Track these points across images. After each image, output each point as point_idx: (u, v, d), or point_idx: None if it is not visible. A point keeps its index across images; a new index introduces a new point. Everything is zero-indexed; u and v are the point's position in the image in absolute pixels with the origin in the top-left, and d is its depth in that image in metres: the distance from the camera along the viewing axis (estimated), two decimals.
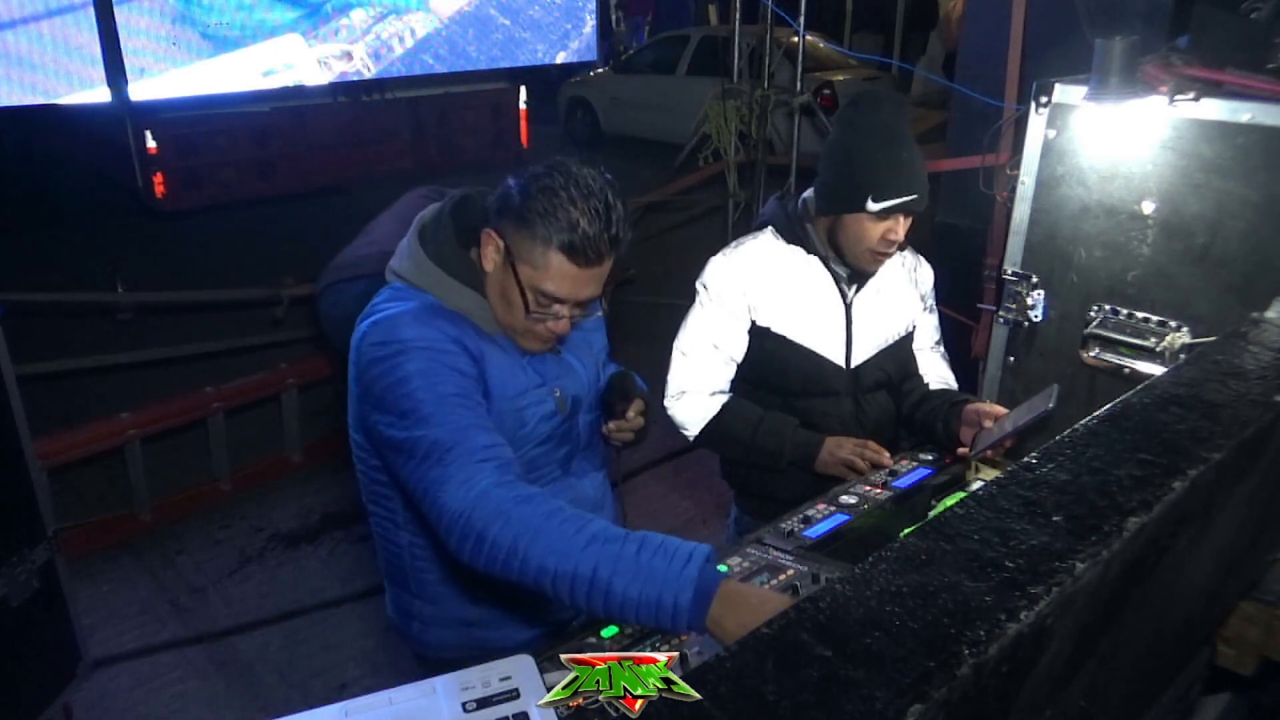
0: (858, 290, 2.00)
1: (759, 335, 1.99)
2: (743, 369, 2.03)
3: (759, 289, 1.96)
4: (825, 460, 1.93)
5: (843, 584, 0.66)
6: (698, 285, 2.02)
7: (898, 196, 1.82)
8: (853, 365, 2.01)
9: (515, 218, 1.38)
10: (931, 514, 1.83)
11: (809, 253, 1.97)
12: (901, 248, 2.05)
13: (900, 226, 1.87)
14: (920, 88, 9.29)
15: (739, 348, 2.00)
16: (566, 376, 1.57)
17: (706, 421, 2.00)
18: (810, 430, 1.98)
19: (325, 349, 4.36)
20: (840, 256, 1.96)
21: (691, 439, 2.04)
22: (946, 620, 0.62)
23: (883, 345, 2.04)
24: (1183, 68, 1.86)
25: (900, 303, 2.06)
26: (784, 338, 1.97)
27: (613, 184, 1.40)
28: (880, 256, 1.91)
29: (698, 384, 2.01)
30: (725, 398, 2.01)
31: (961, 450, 1.93)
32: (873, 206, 1.82)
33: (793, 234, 1.98)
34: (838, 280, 1.98)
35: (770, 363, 2.00)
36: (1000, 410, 1.92)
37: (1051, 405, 1.74)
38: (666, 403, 2.03)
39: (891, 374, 2.07)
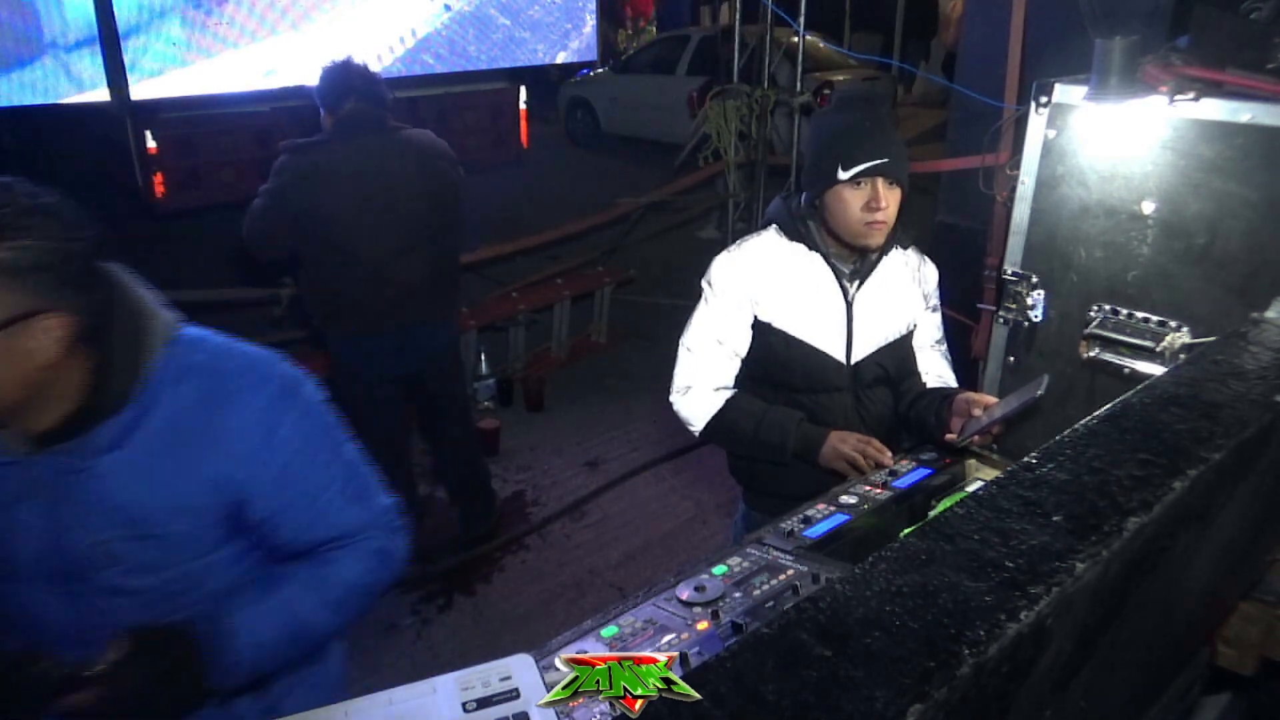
0: (859, 287, 2.01)
1: (761, 330, 2.00)
2: (747, 364, 2.04)
3: (762, 285, 1.98)
4: (828, 454, 1.93)
5: (843, 584, 0.66)
6: (703, 283, 2.04)
7: (866, 160, 1.83)
8: (853, 361, 2.02)
9: None
10: (931, 514, 1.83)
11: (810, 249, 1.98)
12: (905, 247, 2.06)
13: (882, 193, 1.86)
14: (921, 88, 9.29)
15: (743, 343, 2.02)
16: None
17: (711, 416, 2.01)
18: (814, 424, 1.98)
19: (323, 349, 4.35)
20: (841, 244, 1.96)
21: (697, 434, 2.05)
22: (946, 620, 0.61)
23: (882, 343, 2.04)
24: (1183, 68, 1.86)
25: (902, 301, 2.06)
26: (785, 333, 1.98)
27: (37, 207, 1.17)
28: (874, 227, 1.89)
29: (702, 379, 2.02)
30: (730, 393, 2.02)
31: (949, 436, 1.93)
32: (843, 174, 1.85)
33: (795, 231, 2.00)
34: (839, 277, 1.99)
35: (772, 358, 2.01)
36: (990, 400, 1.92)
37: (1040, 393, 1.74)
38: (672, 398, 2.05)
39: (890, 371, 2.07)
